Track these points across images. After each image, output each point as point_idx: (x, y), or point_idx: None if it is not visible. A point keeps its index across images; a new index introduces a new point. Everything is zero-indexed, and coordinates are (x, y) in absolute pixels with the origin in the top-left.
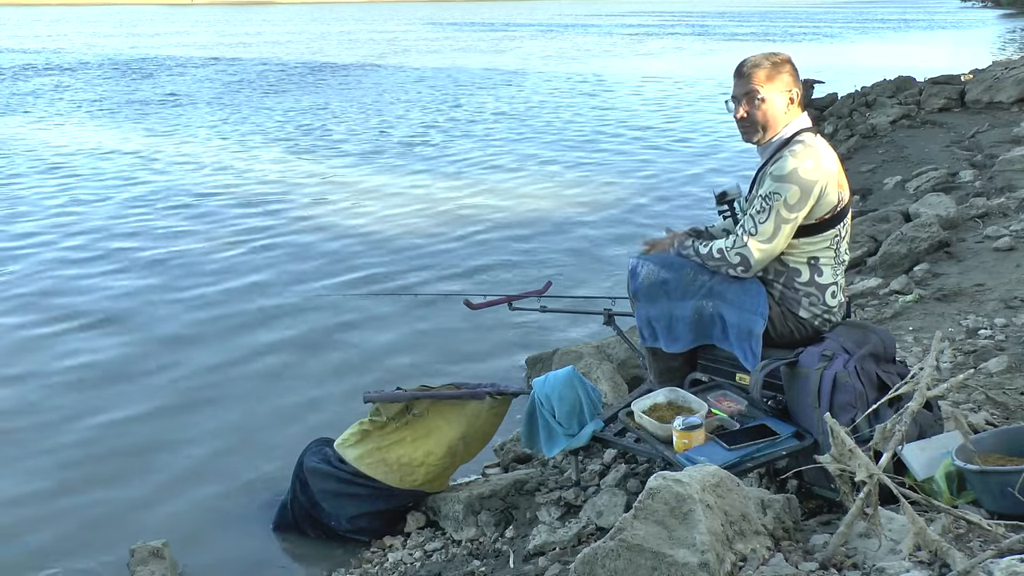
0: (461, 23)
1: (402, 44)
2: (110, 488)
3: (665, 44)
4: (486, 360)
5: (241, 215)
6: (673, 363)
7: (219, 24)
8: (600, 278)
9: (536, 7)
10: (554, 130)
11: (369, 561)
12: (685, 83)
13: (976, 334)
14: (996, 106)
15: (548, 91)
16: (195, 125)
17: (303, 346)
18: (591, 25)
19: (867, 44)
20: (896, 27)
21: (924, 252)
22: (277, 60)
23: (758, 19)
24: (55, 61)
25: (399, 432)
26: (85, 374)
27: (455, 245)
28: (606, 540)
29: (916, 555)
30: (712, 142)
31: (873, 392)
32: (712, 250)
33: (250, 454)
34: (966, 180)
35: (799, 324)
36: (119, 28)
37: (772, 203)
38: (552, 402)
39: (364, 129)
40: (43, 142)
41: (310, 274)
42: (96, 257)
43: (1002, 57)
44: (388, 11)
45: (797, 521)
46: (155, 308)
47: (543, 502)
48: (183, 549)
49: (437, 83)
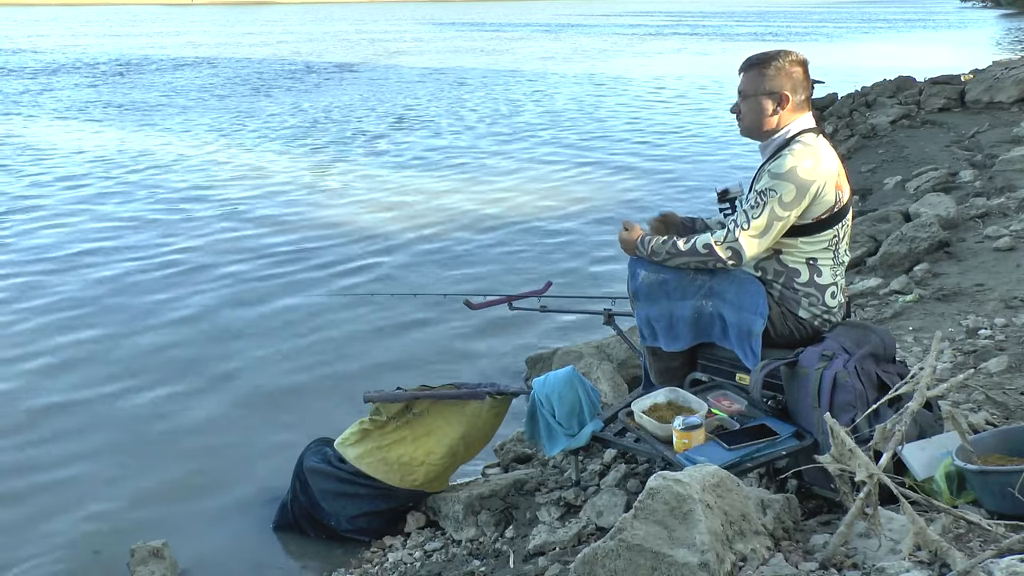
0: (461, 23)
1: (402, 44)
2: (110, 488)
3: (665, 44)
4: (486, 360)
5: (239, 215)
6: (673, 363)
7: (218, 24)
8: (600, 278)
9: (536, 7)
10: (554, 130)
11: (369, 561)
12: (685, 83)
13: (976, 334)
14: (996, 106)
15: (548, 91)
16: (196, 125)
17: (303, 346)
18: (591, 25)
19: (867, 44)
20: (896, 27)
21: (924, 252)
22: (277, 60)
23: (757, 19)
24: (46, 61)
25: (399, 432)
26: (82, 372)
27: (455, 245)
28: (606, 540)
29: (916, 555)
30: (713, 141)
31: (873, 392)
32: (697, 245)
33: (250, 454)
34: (966, 180)
35: (799, 324)
36: (119, 28)
37: (767, 199)
38: (552, 402)
39: (363, 129)
40: (29, 142)
41: (310, 274)
42: (82, 252)
43: (1002, 57)
44: (388, 11)
45: (797, 521)
46: (151, 308)
47: (543, 502)
48: (183, 549)
49: (437, 83)
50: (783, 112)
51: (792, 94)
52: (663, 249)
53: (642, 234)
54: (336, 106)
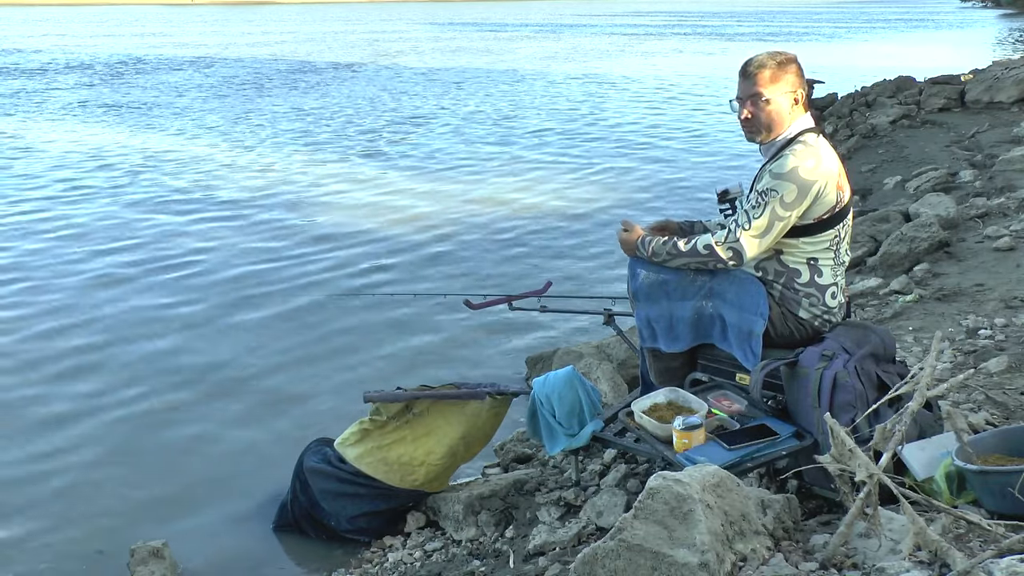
0: (461, 23)
1: (402, 44)
2: (110, 488)
3: (665, 45)
4: (486, 360)
5: (238, 216)
6: (673, 363)
7: (218, 24)
8: (600, 278)
9: (536, 7)
10: (555, 130)
11: (369, 561)
12: (686, 83)
13: (976, 334)
14: (996, 106)
15: (548, 91)
16: (196, 125)
17: (303, 346)
18: (591, 25)
19: (867, 44)
20: (896, 27)
21: (924, 252)
22: (277, 60)
23: (756, 19)
24: (46, 60)
25: (399, 432)
26: (82, 373)
27: (455, 245)
28: (606, 540)
29: (916, 555)
30: (713, 141)
31: (873, 392)
32: (698, 246)
33: (250, 454)
34: (966, 180)
35: (799, 325)
36: (119, 29)
37: (768, 199)
38: (552, 402)
39: (364, 129)
40: (32, 142)
41: (309, 275)
42: (83, 252)
43: (1002, 57)
44: (388, 11)
45: (797, 521)
46: (149, 308)
47: (543, 502)
48: (183, 549)
49: (437, 83)
50: (794, 111)
51: (801, 95)
52: (664, 250)
53: (642, 234)
54: (336, 106)
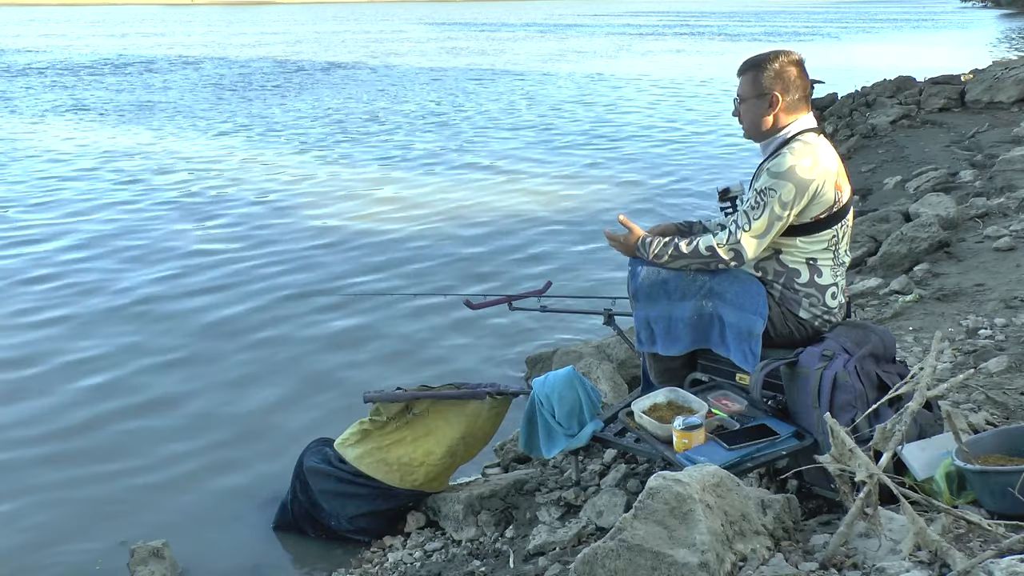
0: (461, 23)
1: (402, 44)
2: (110, 488)
3: (665, 45)
4: (486, 360)
5: (239, 215)
6: (673, 363)
7: (218, 24)
8: (600, 278)
9: (536, 7)
10: (555, 130)
11: (369, 561)
12: (685, 83)
13: (976, 334)
14: (996, 106)
15: (548, 91)
16: (197, 125)
17: (303, 346)
18: (591, 25)
19: (867, 44)
20: (896, 27)
21: (924, 252)
22: (276, 60)
23: (756, 19)
24: (45, 60)
25: (399, 432)
26: (80, 372)
27: (455, 245)
28: (606, 540)
29: (916, 555)
30: (713, 141)
31: (873, 392)
32: (700, 247)
33: (250, 454)
34: (966, 180)
35: (799, 325)
36: (120, 29)
37: (766, 199)
38: (552, 402)
39: (364, 129)
40: (33, 142)
41: (309, 274)
42: (82, 253)
43: (1002, 57)
44: (388, 11)
45: (797, 521)
46: (147, 308)
47: (543, 502)
48: (183, 549)
49: (437, 83)
50: (777, 112)
51: (783, 94)
52: (665, 252)
53: (642, 235)
54: (336, 106)
